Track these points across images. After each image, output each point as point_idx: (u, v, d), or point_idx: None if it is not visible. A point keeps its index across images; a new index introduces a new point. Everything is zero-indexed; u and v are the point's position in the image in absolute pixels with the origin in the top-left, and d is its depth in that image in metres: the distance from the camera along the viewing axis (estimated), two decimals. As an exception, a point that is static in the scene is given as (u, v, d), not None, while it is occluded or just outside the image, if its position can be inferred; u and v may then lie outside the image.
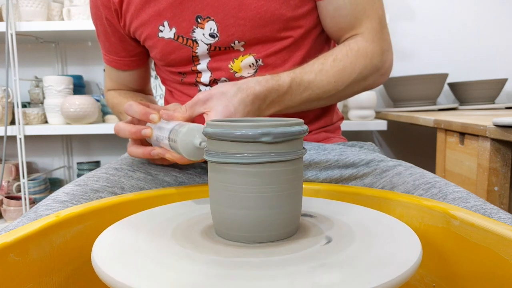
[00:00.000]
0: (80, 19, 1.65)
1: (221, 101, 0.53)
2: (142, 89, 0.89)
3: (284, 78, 0.60)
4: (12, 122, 1.71)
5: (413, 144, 1.98)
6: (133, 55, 0.80)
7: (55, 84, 1.68)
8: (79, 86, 1.84)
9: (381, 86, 1.89)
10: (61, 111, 1.65)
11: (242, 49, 0.68)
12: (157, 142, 0.54)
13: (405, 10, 1.92)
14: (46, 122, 1.75)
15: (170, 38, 0.69)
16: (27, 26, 1.61)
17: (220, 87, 0.55)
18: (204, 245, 0.34)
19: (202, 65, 0.71)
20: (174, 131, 0.48)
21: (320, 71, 0.63)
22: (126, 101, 0.80)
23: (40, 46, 1.95)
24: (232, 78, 0.70)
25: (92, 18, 0.77)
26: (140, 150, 0.56)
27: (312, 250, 0.32)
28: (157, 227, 0.38)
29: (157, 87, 1.70)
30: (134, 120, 0.58)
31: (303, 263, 0.30)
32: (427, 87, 1.68)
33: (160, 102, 1.68)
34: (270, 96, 0.58)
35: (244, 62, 0.69)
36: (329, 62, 0.64)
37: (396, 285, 0.27)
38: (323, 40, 0.74)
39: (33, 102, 1.85)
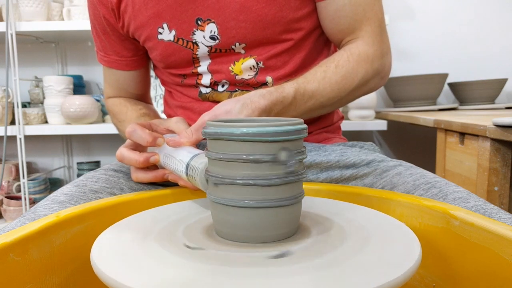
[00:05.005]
0: (80, 19, 1.65)
1: None
2: (143, 95, 0.87)
3: (288, 89, 0.59)
4: (12, 122, 1.71)
5: (413, 144, 1.98)
6: (134, 54, 0.79)
7: (55, 84, 1.68)
8: (79, 86, 1.84)
9: (381, 86, 1.89)
10: (61, 111, 1.65)
11: (243, 51, 0.68)
12: (163, 165, 0.54)
13: (405, 10, 1.92)
14: (46, 122, 1.75)
15: (170, 40, 0.69)
16: (27, 26, 1.61)
17: (223, 105, 0.54)
18: (204, 245, 0.34)
19: (203, 67, 0.70)
20: (191, 167, 0.46)
21: (323, 79, 0.62)
22: (125, 109, 0.79)
23: (40, 46, 1.95)
24: (232, 80, 0.70)
25: (90, 18, 0.77)
26: (150, 175, 0.55)
27: (312, 250, 0.32)
28: (156, 227, 0.38)
29: (157, 87, 1.70)
30: (136, 143, 0.55)
31: (303, 263, 0.30)
32: (427, 87, 1.68)
33: (160, 102, 1.68)
34: (275, 109, 0.57)
35: (245, 64, 0.69)
36: (331, 69, 0.63)
37: (396, 285, 0.27)
38: (323, 42, 0.74)
39: (33, 102, 1.85)
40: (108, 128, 1.65)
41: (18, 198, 1.71)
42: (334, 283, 0.27)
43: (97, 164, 1.91)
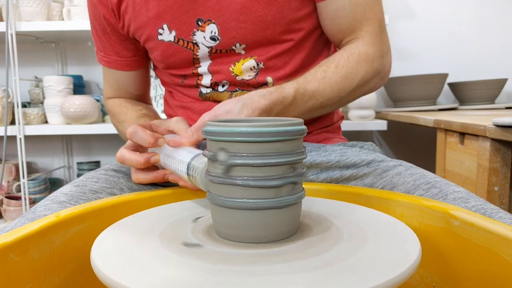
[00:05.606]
0: (80, 19, 1.65)
1: None
2: (143, 95, 0.87)
3: (288, 89, 0.59)
4: (12, 122, 1.71)
5: (413, 144, 1.98)
6: (134, 54, 0.79)
7: (55, 84, 1.68)
8: (79, 86, 1.84)
9: (381, 86, 1.89)
10: (61, 111, 1.65)
11: (243, 52, 0.68)
12: (163, 165, 0.54)
13: (405, 10, 1.92)
14: (46, 122, 1.75)
15: (170, 41, 0.69)
16: (27, 26, 1.61)
17: (224, 105, 0.54)
18: (204, 245, 0.34)
19: (203, 67, 0.70)
20: (192, 167, 0.46)
21: (323, 79, 0.62)
22: (125, 110, 0.79)
23: (40, 46, 1.95)
24: (233, 81, 0.70)
25: (90, 18, 0.76)
26: (151, 176, 0.55)
27: (311, 250, 0.32)
28: (156, 227, 0.38)
29: (157, 87, 1.70)
30: (137, 144, 0.55)
31: (302, 263, 0.30)
32: (427, 87, 1.68)
33: (160, 102, 1.68)
34: (275, 109, 0.57)
35: (245, 65, 0.69)
36: (331, 69, 0.63)
37: (395, 285, 0.27)
38: (323, 42, 0.74)
39: (33, 102, 1.85)
40: (108, 128, 1.65)
41: (18, 198, 1.71)
42: (333, 282, 0.27)
43: (97, 164, 1.91)
